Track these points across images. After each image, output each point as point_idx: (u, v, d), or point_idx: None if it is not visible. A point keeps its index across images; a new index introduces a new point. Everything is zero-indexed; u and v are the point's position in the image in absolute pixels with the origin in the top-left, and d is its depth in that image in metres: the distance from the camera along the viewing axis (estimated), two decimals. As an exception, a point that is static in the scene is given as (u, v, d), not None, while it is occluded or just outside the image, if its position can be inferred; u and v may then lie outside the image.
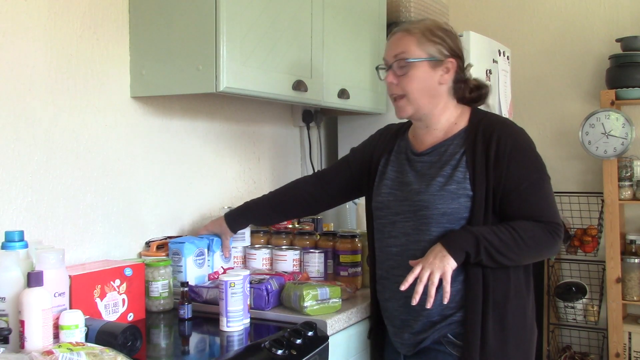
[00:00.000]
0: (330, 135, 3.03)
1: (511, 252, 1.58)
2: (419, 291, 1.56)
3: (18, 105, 1.71)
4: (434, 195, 1.64)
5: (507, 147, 1.62)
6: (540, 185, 1.64)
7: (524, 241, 1.58)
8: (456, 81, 1.72)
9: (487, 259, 1.58)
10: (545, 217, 1.62)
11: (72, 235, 1.85)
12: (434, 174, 1.67)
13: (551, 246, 1.64)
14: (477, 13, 3.61)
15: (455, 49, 1.70)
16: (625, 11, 3.30)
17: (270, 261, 2.12)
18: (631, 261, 3.13)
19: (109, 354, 1.26)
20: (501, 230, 1.59)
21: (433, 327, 1.65)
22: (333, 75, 2.34)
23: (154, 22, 1.95)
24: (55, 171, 1.80)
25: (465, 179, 1.63)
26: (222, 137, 2.43)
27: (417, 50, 1.68)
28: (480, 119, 1.71)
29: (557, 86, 3.45)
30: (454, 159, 1.67)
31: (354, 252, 2.08)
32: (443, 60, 1.68)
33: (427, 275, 1.56)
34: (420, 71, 1.68)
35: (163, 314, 1.84)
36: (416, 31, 1.70)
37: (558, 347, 3.39)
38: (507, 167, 1.61)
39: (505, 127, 1.68)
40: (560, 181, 3.39)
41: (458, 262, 1.57)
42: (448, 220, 1.64)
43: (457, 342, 1.63)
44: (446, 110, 1.72)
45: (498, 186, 1.62)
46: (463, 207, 1.63)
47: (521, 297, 1.67)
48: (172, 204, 2.20)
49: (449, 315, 1.64)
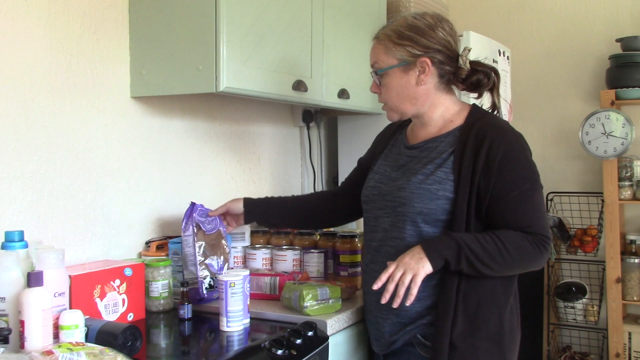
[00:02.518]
0: (330, 135, 3.04)
1: (494, 263, 1.52)
2: (389, 290, 1.53)
3: (18, 105, 1.71)
4: (412, 193, 1.61)
5: (499, 154, 1.56)
6: (530, 195, 1.57)
7: (509, 252, 1.52)
8: (442, 75, 1.65)
9: (468, 268, 1.53)
10: (533, 229, 1.55)
11: (72, 235, 1.85)
12: (417, 169, 1.64)
13: (536, 259, 1.57)
14: (477, 13, 3.60)
15: (429, 44, 1.62)
16: (625, 11, 3.30)
17: (270, 261, 2.12)
18: (631, 261, 3.13)
19: (109, 354, 1.26)
20: (486, 239, 1.53)
21: (403, 328, 1.64)
22: (333, 75, 2.34)
23: (154, 22, 1.95)
24: (55, 171, 1.80)
25: (448, 180, 1.59)
26: (222, 137, 2.43)
27: (386, 58, 1.65)
28: (477, 120, 1.63)
29: (557, 86, 3.45)
30: (441, 157, 1.62)
31: (353, 252, 2.08)
32: (415, 62, 1.62)
33: (400, 275, 1.53)
34: (393, 78, 1.65)
35: (163, 314, 1.84)
36: (383, 37, 1.66)
37: (558, 347, 3.40)
38: (497, 174, 1.55)
39: (499, 132, 1.60)
40: (560, 181, 3.40)
41: (435, 268, 1.53)
42: (423, 220, 1.60)
43: (427, 343, 1.60)
44: (438, 107, 1.67)
45: (486, 193, 1.56)
46: (440, 209, 1.59)
47: (497, 303, 1.61)
48: (172, 204, 2.20)
49: (418, 317, 1.61)
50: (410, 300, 1.52)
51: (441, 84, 1.67)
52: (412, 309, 1.61)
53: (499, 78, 1.70)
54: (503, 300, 1.62)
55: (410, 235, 1.62)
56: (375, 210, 1.72)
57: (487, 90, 1.69)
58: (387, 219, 1.67)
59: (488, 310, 1.59)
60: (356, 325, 1.85)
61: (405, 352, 1.66)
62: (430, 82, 1.65)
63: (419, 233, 1.61)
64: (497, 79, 1.69)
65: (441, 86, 1.67)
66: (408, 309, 1.60)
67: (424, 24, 1.64)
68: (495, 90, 1.70)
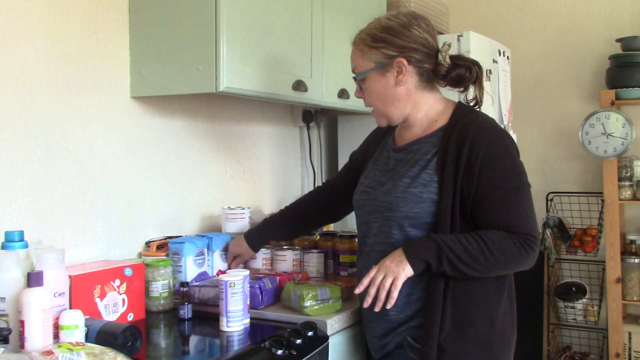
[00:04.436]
0: (330, 135, 3.04)
1: (477, 264, 1.50)
2: (371, 294, 1.53)
3: (18, 105, 1.71)
4: (398, 197, 1.60)
5: (480, 154, 1.53)
6: (514, 195, 1.54)
7: (492, 253, 1.49)
8: (421, 73, 1.63)
9: (451, 270, 1.50)
10: (518, 229, 1.52)
11: (72, 235, 1.85)
12: (403, 172, 1.63)
13: (521, 259, 1.53)
14: (477, 13, 3.60)
15: (404, 44, 1.60)
16: (625, 11, 3.30)
17: (271, 261, 2.12)
18: (631, 261, 3.13)
19: (109, 354, 1.26)
20: (468, 240, 1.50)
21: (393, 331, 1.63)
22: (333, 75, 2.34)
23: (154, 22, 1.95)
24: (55, 171, 1.80)
25: (432, 182, 1.57)
26: (222, 137, 2.43)
27: (363, 63, 1.65)
28: (460, 119, 1.61)
29: (557, 86, 3.45)
30: (424, 159, 1.60)
31: (353, 252, 2.08)
32: (391, 63, 1.61)
33: (380, 279, 1.52)
34: (373, 82, 1.65)
35: (163, 314, 1.84)
36: (358, 42, 1.66)
37: (558, 347, 3.40)
38: (479, 174, 1.52)
39: (481, 131, 1.56)
40: (560, 181, 3.40)
41: (415, 271, 1.51)
42: (410, 224, 1.58)
43: (416, 345, 1.59)
44: (421, 107, 1.65)
45: (469, 194, 1.54)
46: (426, 212, 1.57)
47: (487, 305, 1.58)
48: (172, 204, 2.20)
49: (408, 320, 1.61)
50: (390, 304, 1.51)
51: (422, 82, 1.65)
52: (402, 312, 1.61)
53: (481, 71, 1.66)
54: (494, 301, 1.60)
55: (398, 240, 1.60)
56: (365, 215, 1.72)
57: (471, 83, 1.66)
58: (375, 224, 1.66)
59: (477, 312, 1.57)
60: (356, 326, 1.84)
61: (396, 355, 1.65)
62: (410, 82, 1.63)
63: (406, 237, 1.60)
64: (480, 72, 1.66)
65: (422, 85, 1.65)
66: (398, 312, 1.60)
67: (398, 24, 1.62)
68: (479, 84, 1.66)
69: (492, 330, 1.58)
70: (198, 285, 1.86)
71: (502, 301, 1.61)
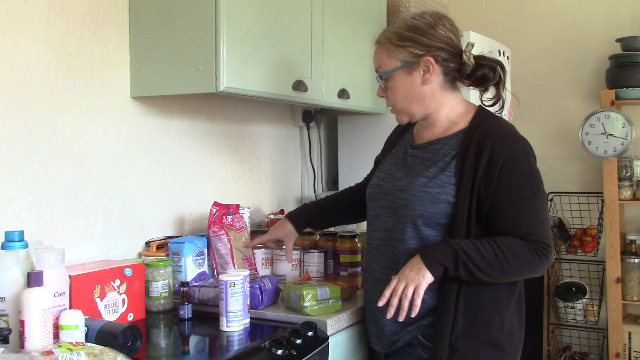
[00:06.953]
0: (330, 135, 3.04)
1: (492, 270, 1.52)
2: (393, 304, 1.54)
3: (18, 105, 1.71)
4: (414, 195, 1.60)
5: (500, 159, 1.54)
6: (531, 201, 1.55)
7: (507, 259, 1.51)
8: (447, 72, 1.64)
9: (466, 275, 1.52)
10: (533, 236, 1.54)
11: (72, 235, 1.85)
12: (420, 171, 1.63)
13: (536, 267, 1.55)
14: (477, 13, 3.60)
15: (431, 43, 1.61)
16: (625, 11, 3.30)
17: (271, 261, 2.12)
18: (631, 261, 3.13)
19: (109, 354, 1.26)
20: (484, 246, 1.52)
21: (404, 328, 1.64)
22: (333, 75, 2.34)
23: (154, 22, 1.95)
24: (55, 171, 1.80)
25: (450, 184, 1.58)
26: (222, 137, 2.43)
27: (389, 61, 1.65)
28: (480, 123, 1.62)
29: (557, 86, 3.44)
30: (444, 160, 1.61)
31: (353, 252, 2.08)
32: (418, 61, 1.62)
33: (402, 289, 1.53)
34: (398, 81, 1.65)
35: (163, 314, 1.84)
36: (384, 41, 1.66)
37: (558, 347, 3.39)
38: (498, 179, 1.54)
39: (501, 136, 1.58)
40: (560, 181, 3.40)
41: (435, 276, 1.53)
42: (424, 223, 1.59)
43: (427, 343, 1.59)
44: (444, 107, 1.67)
45: (486, 198, 1.55)
46: (442, 213, 1.58)
47: (499, 306, 1.60)
48: (172, 204, 2.20)
49: (419, 318, 1.60)
50: (414, 312, 1.53)
51: (446, 82, 1.66)
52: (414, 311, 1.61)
53: (504, 71, 1.68)
54: (505, 303, 1.61)
55: (411, 237, 1.62)
56: (377, 208, 1.73)
57: (493, 84, 1.67)
58: (388, 219, 1.67)
59: (489, 313, 1.59)
60: (356, 325, 1.84)
61: (405, 353, 1.65)
62: (436, 81, 1.64)
63: (419, 235, 1.61)
64: (503, 72, 1.67)
65: (446, 84, 1.66)
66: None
67: (424, 23, 1.63)
68: (502, 84, 1.68)
69: (502, 332, 1.60)
70: (198, 285, 1.86)
71: (512, 302, 1.63)
